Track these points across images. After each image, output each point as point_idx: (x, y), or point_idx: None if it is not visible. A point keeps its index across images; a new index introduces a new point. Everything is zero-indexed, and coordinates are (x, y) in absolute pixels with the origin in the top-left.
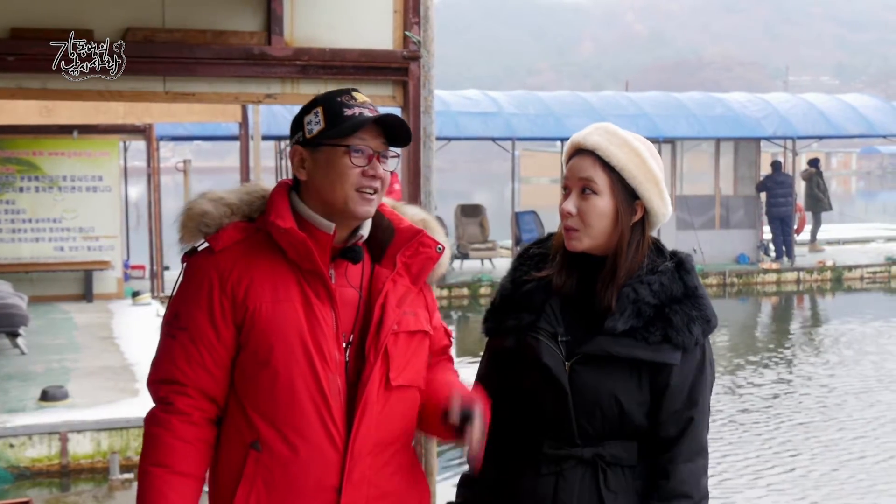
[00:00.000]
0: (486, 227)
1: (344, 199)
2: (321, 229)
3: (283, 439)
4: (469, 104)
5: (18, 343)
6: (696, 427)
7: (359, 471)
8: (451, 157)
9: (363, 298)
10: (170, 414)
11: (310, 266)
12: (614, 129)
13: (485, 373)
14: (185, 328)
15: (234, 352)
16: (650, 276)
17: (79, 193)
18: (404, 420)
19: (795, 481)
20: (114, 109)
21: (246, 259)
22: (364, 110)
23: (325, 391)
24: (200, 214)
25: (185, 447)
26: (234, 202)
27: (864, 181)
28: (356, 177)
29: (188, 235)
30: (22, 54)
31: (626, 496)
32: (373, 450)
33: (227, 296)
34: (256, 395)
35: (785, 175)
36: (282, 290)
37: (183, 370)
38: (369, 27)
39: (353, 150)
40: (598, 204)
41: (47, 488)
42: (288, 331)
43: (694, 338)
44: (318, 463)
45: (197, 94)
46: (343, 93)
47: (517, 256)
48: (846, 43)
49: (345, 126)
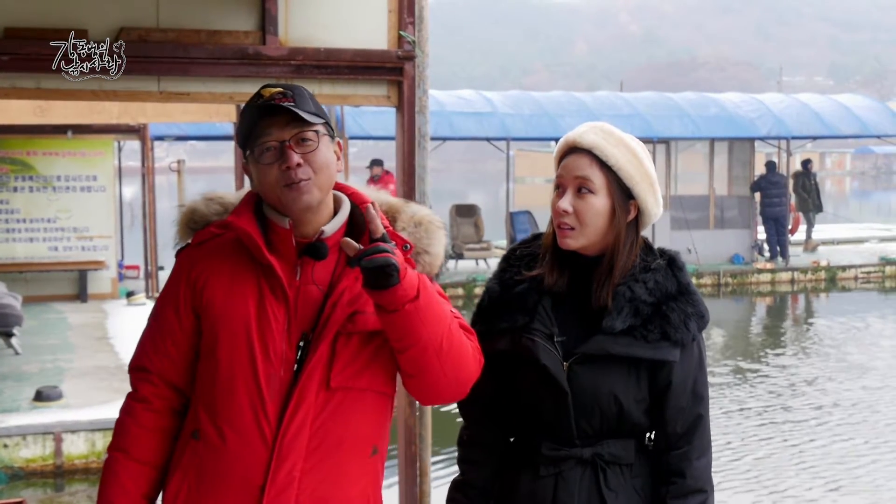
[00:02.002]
0: (480, 228)
1: (277, 198)
2: (280, 225)
3: (217, 430)
4: (464, 104)
5: (12, 343)
6: (704, 423)
7: (285, 470)
8: (445, 157)
9: (327, 296)
10: (135, 401)
11: (265, 262)
12: (610, 128)
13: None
14: (155, 317)
15: (194, 340)
16: (644, 274)
17: (73, 193)
18: (354, 426)
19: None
20: (108, 109)
21: (213, 254)
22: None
23: (262, 385)
24: (191, 212)
25: (143, 434)
26: (231, 202)
27: (859, 181)
28: (276, 174)
29: (182, 234)
30: (16, 54)
31: (626, 494)
32: (306, 452)
33: (190, 285)
34: (202, 384)
35: (779, 175)
36: (237, 284)
37: (150, 357)
38: (364, 27)
39: (259, 151)
40: (594, 203)
41: (41, 488)
42: (235, 323)
43: (691, 334)
44: (245, 457)
45: (191, 94)
46: (255, 95)
47: (504, 258)
48: (839, 43)
49: (243, 132)
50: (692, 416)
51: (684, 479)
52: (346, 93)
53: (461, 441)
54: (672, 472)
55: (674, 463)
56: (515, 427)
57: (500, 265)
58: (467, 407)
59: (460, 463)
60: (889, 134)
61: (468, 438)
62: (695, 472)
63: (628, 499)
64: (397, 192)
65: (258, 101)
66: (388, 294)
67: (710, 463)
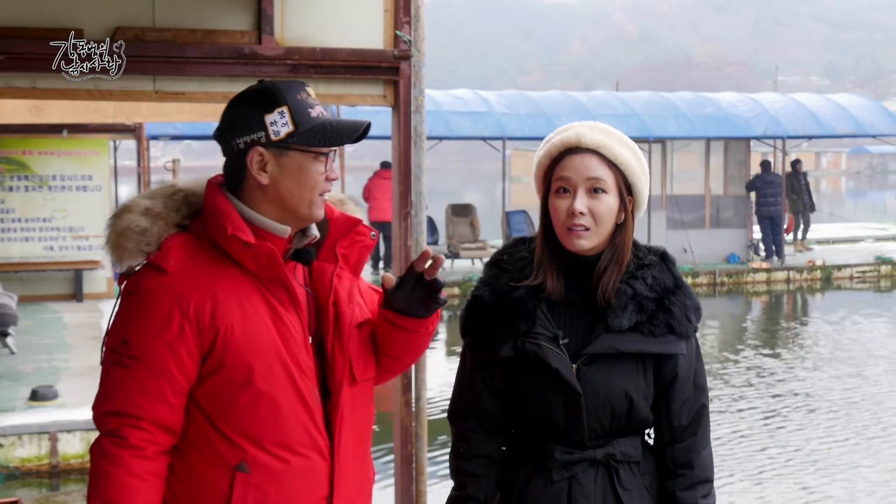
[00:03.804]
0: (476, 227)
1: (309, 204)
2: (275, 234)
3: (273, 457)
4: (460, 104)
5: (8, 343)
6: (707, 414)
7: (345, 474)
8: (441, 157)
9: (313, 295)
10: (122, 448)
11: (272, 275)
12: (607, 126)
13: (471, 387)
14: (138, 358)
15: (194, 379)
16: (640, 270)
17: (68, 193)
18: (368, 412)
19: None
20: (104, 109)
21: (202, 276)
22: (322, 110)
23: (308, 402)
24: (140, 233)
25: (138, 484)
26: (162, 211)
27: (854, 181)
28: (323, 182)
29: (128, 256)
30: (11, 53)
31: (639, 492)
32: (352, 450)
33: (191, 321)
34: (237, 416)
35: (774, 175)
36: (248, 305)
37: (137, 403)
38: (360, 26)
39: (323, 155)
40: (608, 202)
41: (37, 488)
42: (263, 347)
43: (693, 326)
44: (309, 475)
45: (187, 94)
46: (298, 88)
47: (489, 265)
48: (835, 43)
49: (315, 132)
50: (696, 406)
51: (693, 469)
52: (342, 92)
53: (458, 453)
54: (679, 464)
55: (681, 455)
56: (518, 434)
57: (488, 272)
58: (462, 418)
59: (458, 475)
60: (884, 133)
61: (465, 450)
62: (701, 462)
63: (640, 496)
64: (393, 191)
65: (316, 103)
66: (424, 321)
67: (712, 453)
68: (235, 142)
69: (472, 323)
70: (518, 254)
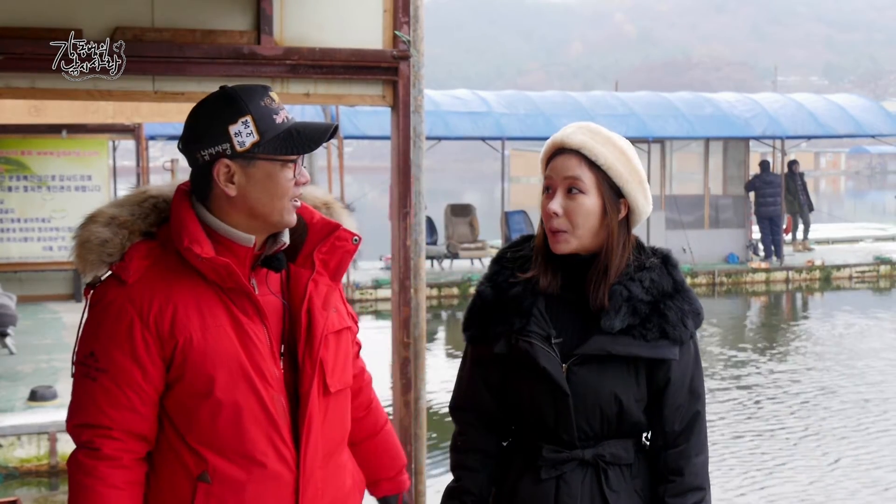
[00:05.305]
0: (475, 227)
1: (280, 211)
2: (240, 243)
3: (236, 467)
4: (459, 104)
5: (7, 343)
6: (701, 420)
7: (312, 486)
8: (440, 157)
9: (286, 304)
10: (97, 460)
11: (233, 285)
12: (597, 127)
13: (470, 383)
14: (104, 370)
15: (162, 387)
16: (639, 272)
17: (68, 193)
18: (342, 423)
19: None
20: (103, 109)
21: (162, 286)
22: (287, 114)
23: (272, 412)
24: (101, 244)
25: (116, 494)
26: (128, 219)
27: (853, 181)
28: (293, 188)
29: (90, 267)
30: (11, 53)
31: (628, 495)
32: (322, 462)
33: (151, 331)
34: (199, 426)
35: (773, 175)
36: (208, 314)
37: (108, 414)
38: (359, 27)
39: (291, 162)
40: (585, 203)
41: (36, 488)
42: (224, 357)
43: (689, 331)
44: (273, 486)
45: (186, 94)
46: (261, 94)
47: (494, 261)
48: (834, 43)
49: (281, 140)
50: (690, 413)
51: (683, 476)
52: (341, 92)
53: (456, 447)
54: (670, 470)
55: (672, 461)
56: (514, 430)
57: (491, 268)
58: (462, 412)
59: (455, 469)
60: (883, 134)
61: (463, 444)
62: (693, 469)
63: (629, 499)
64: (392, 191)
65: (280, 108)
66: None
67: (707, 460)
68: (200, 154)
69: (472, 318)
70: (521, 251)
